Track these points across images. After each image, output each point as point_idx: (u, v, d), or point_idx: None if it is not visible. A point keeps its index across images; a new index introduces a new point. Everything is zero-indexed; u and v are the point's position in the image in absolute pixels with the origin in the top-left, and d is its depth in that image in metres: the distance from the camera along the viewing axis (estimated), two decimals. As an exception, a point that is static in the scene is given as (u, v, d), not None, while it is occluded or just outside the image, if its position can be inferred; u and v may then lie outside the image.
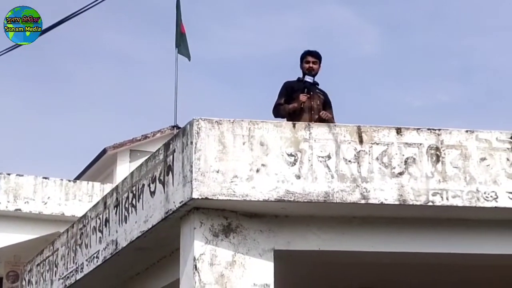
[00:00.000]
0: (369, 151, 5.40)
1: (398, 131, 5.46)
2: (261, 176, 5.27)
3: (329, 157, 5.36)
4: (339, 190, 5.30)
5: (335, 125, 5.45)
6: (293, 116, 7.25)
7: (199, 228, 5.31)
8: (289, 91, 7.48)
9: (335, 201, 5.28)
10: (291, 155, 5.33)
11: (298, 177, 5.29)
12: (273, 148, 5.33)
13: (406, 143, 5.45)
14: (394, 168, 5.39)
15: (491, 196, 5.39)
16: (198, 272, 5.23)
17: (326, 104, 7.57)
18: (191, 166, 5.20)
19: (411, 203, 5.34)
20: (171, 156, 5.50)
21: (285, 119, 7.18)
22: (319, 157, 5.35)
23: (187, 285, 5.31)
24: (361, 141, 5.42)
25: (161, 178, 5.58)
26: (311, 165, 5.32)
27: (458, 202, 5.37)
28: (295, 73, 7.56)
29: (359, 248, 5.60)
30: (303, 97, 7.34)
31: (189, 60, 17.30)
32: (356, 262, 6.15)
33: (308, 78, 7.49)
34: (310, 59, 7.63)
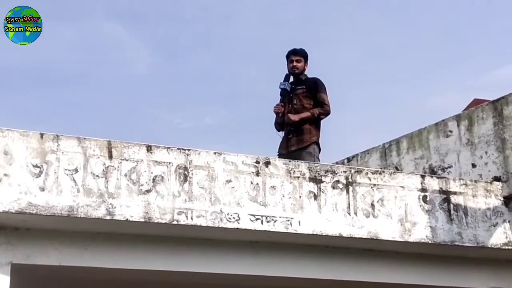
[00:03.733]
0: (118, 167, 5.36)
1: (149, 148, 5.47)
2: (3, 186, 5.04)
3: (76, 170, 5.25)
4: (84, 204, 5.20)
5: (84, 139, 5.34)
6: (282, 126, 7.55)
7: None
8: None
9: (79, 216, 5.17)
10: (36, 166, 5.15)
11: (43, 189, 5.13)
12: (18, 158, 5.12)
13: (156, 161, 5.47)
14: (142, 185, 5.38)
15: (233, 218, 5.55)
16: None
17: (312, 91, 7.48)
18: None
19: (156, 221, 5.35)
20: None
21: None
22: (66, 170, 5.22)
23: None
24: (110, 156, 5.36)
25: None
26: (57, 177, 5.18)
27: (202, 222, 5.46)
28: (65, 86, 7.36)
29: (102, 264, 5.51)
30: (275, 110, 7.51)
31: None
32: (98, 279, 6.05)
33: (282, 85, 7.53)
34: (293, 58, 7.55)
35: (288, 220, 5.69)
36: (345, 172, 6.00)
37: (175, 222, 5.39)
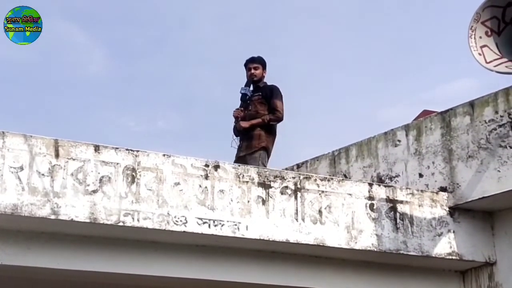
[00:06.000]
0: (65, 166, 5.29)
1: (96, 148, 5.41)
2: None
3: (21, 168, 5.16)
4: (29, 203, 5.12)
5: (31, 136, 5.25)
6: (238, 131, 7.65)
7: None
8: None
9: (23, 214, 5.09)
10: (-20, 163, 5.06)
11: (-14, 186, 5.03)
12: (-38, 154, 5.03)
13: (103, 161, 5.41)
14: (88, 185, 5.32)
15: (181, 221, 5.52)
16: None
17: (267, 98, 7.55)
18: None
19: (102, 222, 5.29)
20: None
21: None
22: (10, 167, 5.13)
23: None
24: (57, 155, 5.29)
25: None
26: (1, 175, 5.09)
27: (148, 224, 5.42)
28: (13, 85, 7.30)
29: (45, 264, 5.43)
30: (235, 114, 7.62)
31: None
32: (42, 279, 5.95)
33: (243, 90, 7.62)
34: (251, 65, 7.64)
35: (236, 225, 5.68)
36: (294, 178, 6.01)
37: (121, 224, 5.34)
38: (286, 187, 5.95)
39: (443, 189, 6.60)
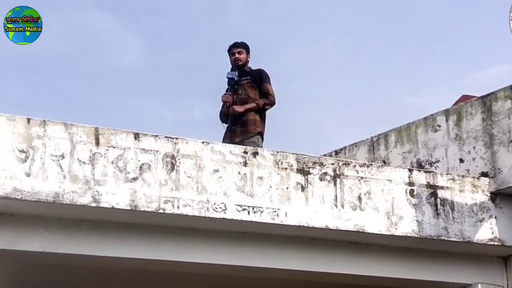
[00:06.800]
0: (105, 154, 5.32)
1: (136, 136, 5.44)
2: (-12, 171, 5.00)
3: (62, 156, 5.21)
4: (70, 191, 5.16)
5: (71, 125, 5.29)
6: (227, 116, 7.60)
7: None
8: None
9: (65, 202, 5.13)
10: (22, 151, 5.11)
11: (28, 174, 5.09)
12: (4, 143, 5.08)
13: (143, 149, 5.43)
14: (128, 173, 5.35)
15: (220, 207, 5.53)
16: None
17: (257, 82, 7.54)
18: None
19: (142, 209, 5.32)
20: None
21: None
22: (52, 155, 5.18)
23: None
24: (97, 143, 5.32)
25: None
26: (43, 163, 5.14)
27: (188, 211, 5.44)
28: (53, 76, 7.36)
29: (87, 251, 5.48)
30: (224, 99, 7.58)
31: None
32: (83, 266, 6.03)
33: (230, 74, 7.59)
34: (235, 50, 7.64)
35: (275, 211, 5.68)
36: (333, 164, 5.98)
37: (161, 211, 5.37)
38: (325, 173, 5.92)
39: (484, 174, 6.53)
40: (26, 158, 5.11)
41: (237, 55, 7.65)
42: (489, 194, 6.42)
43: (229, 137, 7.51)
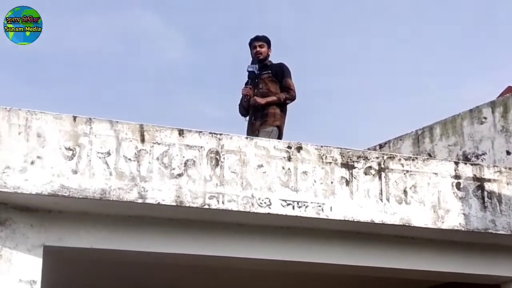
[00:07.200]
0: (150, 150, 5.36)
1: (180, 132, 5.46)
2: (36, 168, 5.06)
3: (108, 153, 5.25)
4: (117, 188, 5.21)
5: (117, 122, 5.34)
6: (248, 109, 7.60)
7: (-36, 219, 5.02)
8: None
9: (111, 199, 5.18)
10: (69, 149, 5.17)
11: (75, 172, 5.14)
12: (51, 141, 5.14)
13: (187, 145, 5.46)
14: (174, 169, 5.38)
15: (265, 202, 5.53)
16: (-43, 266, 4.94)
17: (278, 76, 7.56)
18: (-40, 154, 4.91)
19: (187, 205, 5.35)
20: None
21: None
22: (98, 153, 5.23)
23: None
24: (143, 140, 5.36)
25: None
26: (90, 160, 5.19)
27: (233, 207, 5.45)
28: (98, 74, 7.41)
29: (134, 247, 5.53)
30: (244, 92, 7.58)
31: None
32: (129, 262, 6.08)
33: (250, 67, 7.58)
34: (256, 43, 7.66)
35: (320, 206, 5.66)
36: (377, 158, 5.95)
37: (206, 206, 5.39)
38: (370, 167, 5.89)
39: (532, 166, 6.44)
40: (73, 155, 5.17)
41: (258, 49, 7.65)
42: (537, 187, 6.32)
43: (250, 130, 7.53)
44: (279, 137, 7.41)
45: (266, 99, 7.50)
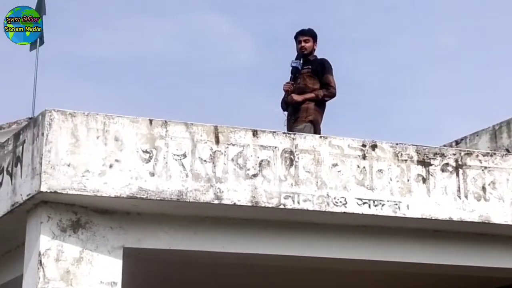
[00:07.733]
0: (225, 151, 5.39)
1: (255, 133, 5.49)
2: (114, 171, 5.15)
3: (184, 155, 5.31)
4: (193, 189, 5.26)
5: (192, 124, 5.39)
6: (288, 105, 7.58)
7: (46, 222, 5.13)
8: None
9: (188, 200, 5.24)
10: (146, 151, 5.25)
11: (152, 174, 5.22)
12: (128, 144, 5.23)
13: (262, 146, 5.48)
14: (248, 169, 5.40)
15: (340, 202, 5.51)
16: (42, 268, 5.06)
17: (319, 73, 7.49)
18: (41, 158, 5.02)
19: (263, 205, 5.36)
20: (21, 147, 5.30)
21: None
22: (174, 155, 5.29)
23: (31, 280, 5.12)
24: (217, 141, 5.40)
25: (9, 169, 5.37)
26: (166, 163, 5.26)
27: (309, 206, 5.44)
28: (168, 77, 7.50)
29: (211, 248, 5.57)
30: (285, 88, 7.54)
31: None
32: (207, 262, 6.14)
33: (294, 63, 7.52)
34: (301, 38, 7.61)
35: (396, 204, 5.61)
36: (454, 154, 5.85)
37: (282, 206, 5.39)
38: (447, 164, 5.80)
39: None
40: (149, 158, 5.24)
41: (303, 43, 7.56)
42: None
43: (287, 126, 7.47)
44: (315, 132, 7.30)
45: (303, 96, 7.43)
